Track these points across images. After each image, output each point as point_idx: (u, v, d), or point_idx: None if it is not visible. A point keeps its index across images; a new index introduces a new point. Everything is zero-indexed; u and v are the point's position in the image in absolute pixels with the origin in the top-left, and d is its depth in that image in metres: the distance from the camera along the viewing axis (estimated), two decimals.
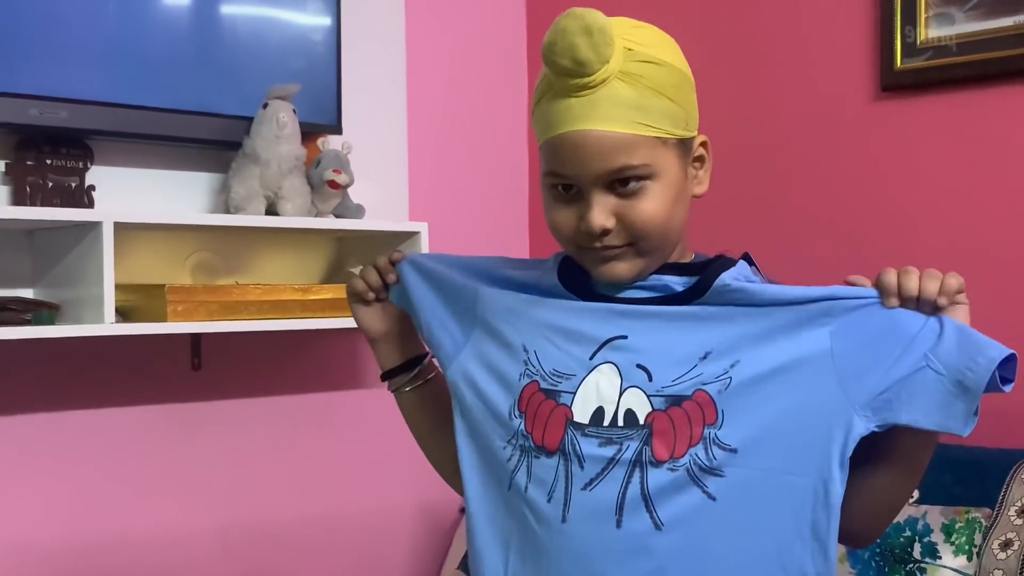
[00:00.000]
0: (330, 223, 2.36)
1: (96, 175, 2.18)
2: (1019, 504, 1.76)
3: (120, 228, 2.01)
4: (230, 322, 2.16)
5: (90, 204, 2.15)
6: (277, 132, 2.21)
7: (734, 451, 1.14)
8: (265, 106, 2.22)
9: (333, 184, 2.32)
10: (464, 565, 2.55)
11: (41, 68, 2.04)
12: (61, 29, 2.06)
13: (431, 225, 2.46)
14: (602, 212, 1.20)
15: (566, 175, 1.21)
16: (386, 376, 1.44)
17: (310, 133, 2.33)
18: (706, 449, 1.14)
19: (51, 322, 2.01)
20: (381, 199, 2.57)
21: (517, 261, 1.37)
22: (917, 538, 1.91)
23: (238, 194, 2.23)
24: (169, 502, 2.37)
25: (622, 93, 1.18)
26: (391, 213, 2.61)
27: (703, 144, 1.26)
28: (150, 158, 2.28)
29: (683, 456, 1.15)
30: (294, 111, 2.24)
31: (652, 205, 1.20)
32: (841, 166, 2.39)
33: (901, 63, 2.28)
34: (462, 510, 2.75)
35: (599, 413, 1.19)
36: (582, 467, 1.18)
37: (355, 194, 2.41)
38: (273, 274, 2.44)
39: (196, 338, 2.36)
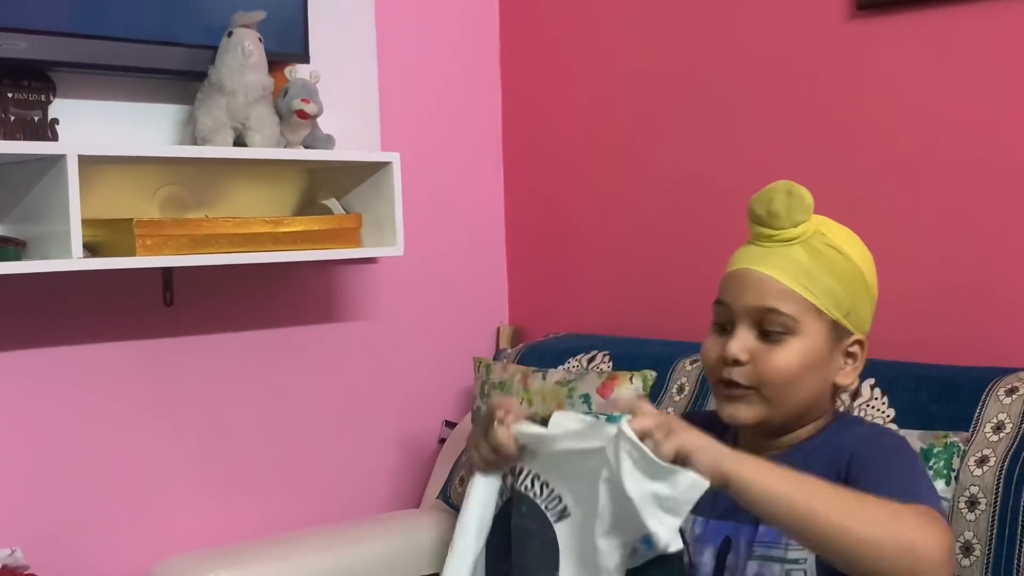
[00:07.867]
0: (300, 154, 2.33)
1: (59, 108, 2.14)
2: (995, 421, 1.77)
3: (85, 161, 1.98)
4: (200, 256, 2.14)
5: (54, 137, 2.11)
6: (243, 61, 2.17)
7: None
8: (230, 35, 2.18)
9: (302, 114, 2.29)
10: (444, 494, 2.55)
11: None
12: None
13: (403, 155, 2.43)
14: (741, 345, 1.34)
15: (723, 300, 1.38)
16: None
17: (277, 62, 2.29)
18: None
19: (17, 258, 1.98)
20: (351, 129, 2.54)
21: None
22: None
23: (205, 125, 2.20)
24: (145, 438, 2.36)
25: (799, 257, 1.34)
26: (362, 143, 2.57)
27: (858, 343, 1.38)
28: (114, 90, 2.24)
29: None
30: (260, 39, 2.20)
31: (786, 358, 1.33)
32: (813, 91, 2.36)
33: None
34: (441, 440, 2.75)
35: None
36: None
37: (325, 124, 2.38)
38: (243, 207, 2.41)
39: (168, 273, 2.34)
